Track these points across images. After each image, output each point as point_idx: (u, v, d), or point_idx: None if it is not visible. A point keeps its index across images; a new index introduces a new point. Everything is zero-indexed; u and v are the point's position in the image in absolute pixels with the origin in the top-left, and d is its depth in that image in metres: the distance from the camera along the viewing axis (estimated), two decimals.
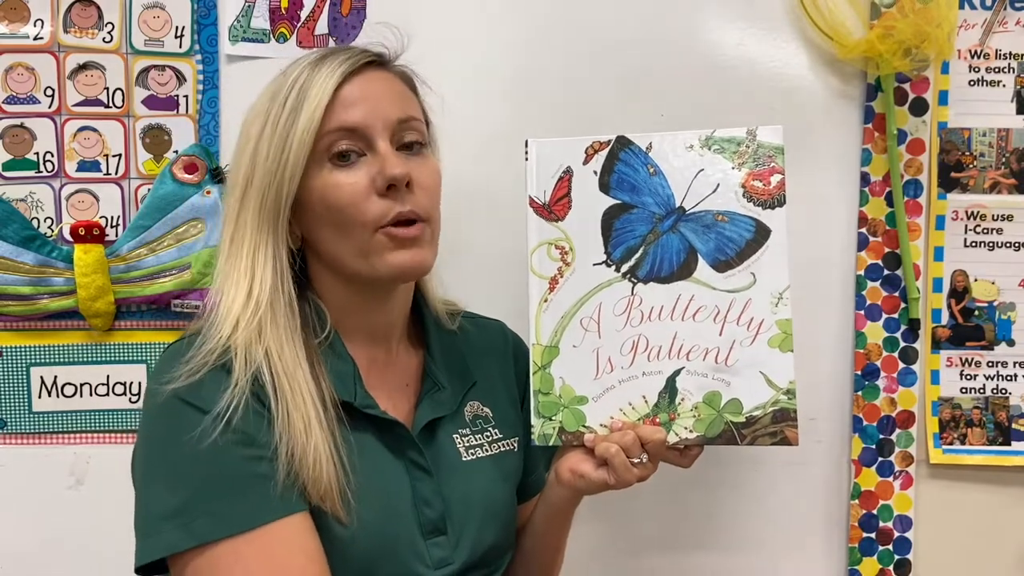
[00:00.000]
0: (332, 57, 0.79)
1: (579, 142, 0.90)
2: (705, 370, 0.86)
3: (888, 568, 1.16)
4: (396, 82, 0.83)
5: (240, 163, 0.79)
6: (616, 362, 0.87)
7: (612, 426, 0.86)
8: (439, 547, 0.80)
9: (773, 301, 0.85)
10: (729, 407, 0.85)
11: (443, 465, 0.84)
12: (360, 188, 0.77)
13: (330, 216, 0.78)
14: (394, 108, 0.79)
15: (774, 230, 0.86)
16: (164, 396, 0.72)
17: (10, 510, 1.16)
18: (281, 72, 0.81)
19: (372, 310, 0.84)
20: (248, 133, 0.79)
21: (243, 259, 0.77)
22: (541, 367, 0.88)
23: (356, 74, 0.79)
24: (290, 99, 0.76)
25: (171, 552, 0.69)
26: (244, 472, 0.70)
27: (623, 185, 0.89)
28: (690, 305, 0.87)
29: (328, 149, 0.77)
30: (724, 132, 0.89)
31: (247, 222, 0.78)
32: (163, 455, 0.72)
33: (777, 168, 0.87)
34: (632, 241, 0.88)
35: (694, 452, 0.86)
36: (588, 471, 0.84)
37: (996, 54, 1.13)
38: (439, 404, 0.86)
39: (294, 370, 0.75)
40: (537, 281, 0.89)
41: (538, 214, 0.90)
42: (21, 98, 1.13)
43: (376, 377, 0.84)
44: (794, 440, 0.84)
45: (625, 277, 0.88)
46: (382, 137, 0.78)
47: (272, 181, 0.76)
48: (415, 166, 0.79)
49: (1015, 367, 1.16)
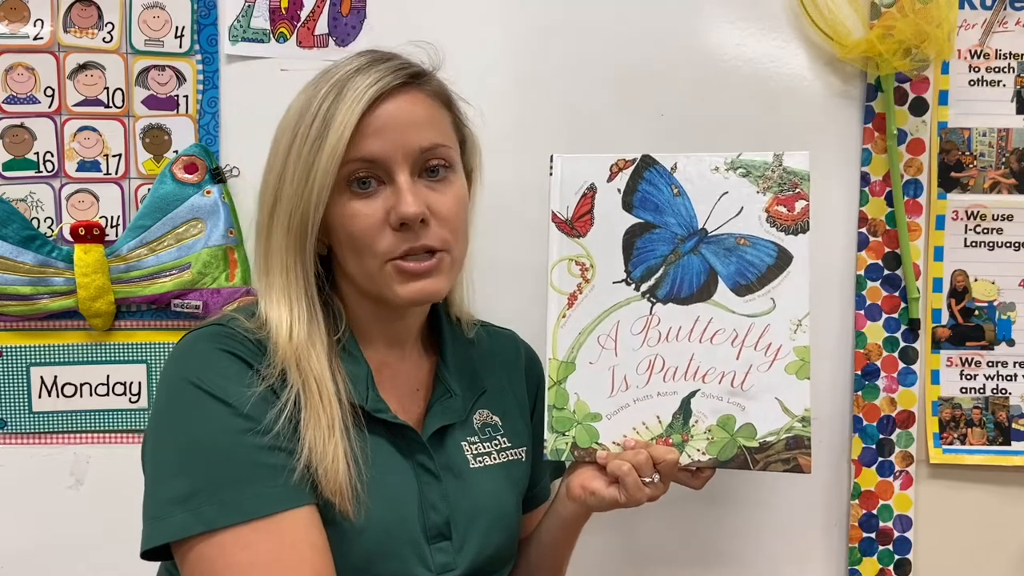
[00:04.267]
0: (363, 76, 0.77)
1: (604, 159, 0.90)
2: (720, 393, 0.86)
3: (888, 568, 1.16)
4: (427, 103, 0.80)
5: (270, 175, 0.80)
6: (632, 381, 0.87)
7: (625, 444, 0.86)
8: (443, 552, 0.80)
9: (792, 327, 0.85)
10: (743, 431, 0.85)
11: (451, 471, 0.84)
12: (375, 221, 0.77)
13: (348, 241, 0.79)
14: (419, 136, 0.78)
15: (796, 256, 0.86)
16: (182, 380, 0.73)
17: (10, 510, 1.16)
18: (316, 79, 0.79)
19: (389, 319, 0.85)
20: (278, 147, 0.79)
21: (276, 276, 0.78)
22: (557, 382, 0.88)
23: (385, 98, 0.77)
24: (316, 123, 0.76)
25: (179, 536, 0.69)
26: (256, 461, 0.71)
27: (646, 204, 0.89)
28: (708, 328, 0.87)
29: (348, 176, 0.77)
30: (750, 155, 0.88)
31: (277, 240, 0.78)
32: (176, 441, 0.72)
33: (802, 194, 0.87)
34: (653, 261, 0.88)
35: (706, 474, 0.86)
36: (599, 488, 0.84)
37: (996, 54, 1.13)
38: (449, 411, 0.86)
39: (321, 372, 0.76)
40: (556, 296, 0.89)
41: (560, 229, 0.90)
42: (21, 98, 1.13)
43: (388, 380, 0.84)
44: (807, 468, 0.84)
45: (644, 296, 0.88)
46: (402, 169, 0.77)
47: (298, 206, 0.77)
48: (435, 197, 0.79)
49: (1015, 367, 1.16)
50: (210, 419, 0.71)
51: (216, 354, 0.74)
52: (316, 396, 0.74)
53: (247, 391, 0.72)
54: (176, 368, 0.75)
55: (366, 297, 0.83)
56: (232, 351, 0.75)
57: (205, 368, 0.73)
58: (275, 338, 0.76)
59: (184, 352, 0.77)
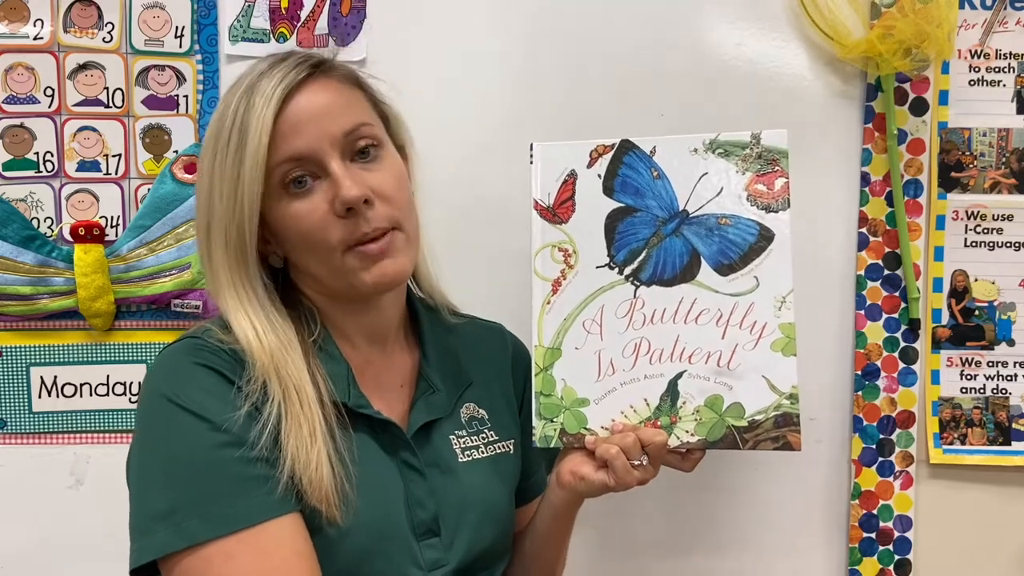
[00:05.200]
0: (267, 78, 0.76)
1: (583, 145, 0.90)
2: (707, 373, 0.86)
3: (888, 568, 1.16)
4: (337, 88, 0.80)
5: (200, 200, 0.79)
6: (618, 364, 0.87)
7: (613, 428, 0.86)
8: (432, 548, 0.80)
9: (776, 305, 0.85)
10: (731, 411, 0.85)
11: (438, 467, 0.83)
12: (320, 215, 0.77)
13: (300, 242, 0.78)
14: (338, 122, 0.77)
15: (778, 234, 0.86)
16: (159, 397, 0.73)
17: (10, 510, 1.16)
18: (227, 91, 0.79)
19: (361, 312, 0.84)
20: (202, 165, 0.79)
21: (227, 294, 0.78)
22: (543, 369, 0.88)
23: (294, 94, 0.76)
24: (233, 137, 0.75)
25: (163, 553, 0.69)
26: (236, 474, 0.70)
27: (627, 188, 0.89)
28: (692, 308, 0.87)
29: (282, 180, 0.77)
30: (728, 136, 0.88)
31: (218, 258, 0.78)
32: (157, 456, 0.72)
33: (781, 172, 0.87)
34: (635, 244, 0.88)
35: (695, 456, 0.86)
36: (588, 473, 0.84)
37: (996, 54, 1.13)
38: (433, 406, 0.86)
39: (300, 377, 0.75)
40: (540, 283, 0.90)
41: (542, 216, 0.90)
42: (21, 98, 1.13)
43: (371, 377, 0.84)
44: (797, 445, 0.84)
45: (628, 280, 0.88)
46: (332, 157, 0.77)
47: (232, 220, 0.76)
48: (373, 177, 0.78)
49: (1015, 367, 1.16)
50: (188, 435, 0.71)
51: (191, 368, 0.74)
52: (296, 404, 0.74)
53: (225, 405, 0.72)
54: (153, 384, 0.75)
55: (335, 296, 0.82)
56: (208, 364, 0.74)
57: (181, 383, 0.73)
58: (248, 349, 0.75)
59: (160, 368, 0.77)
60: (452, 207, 1.13)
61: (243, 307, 0.77)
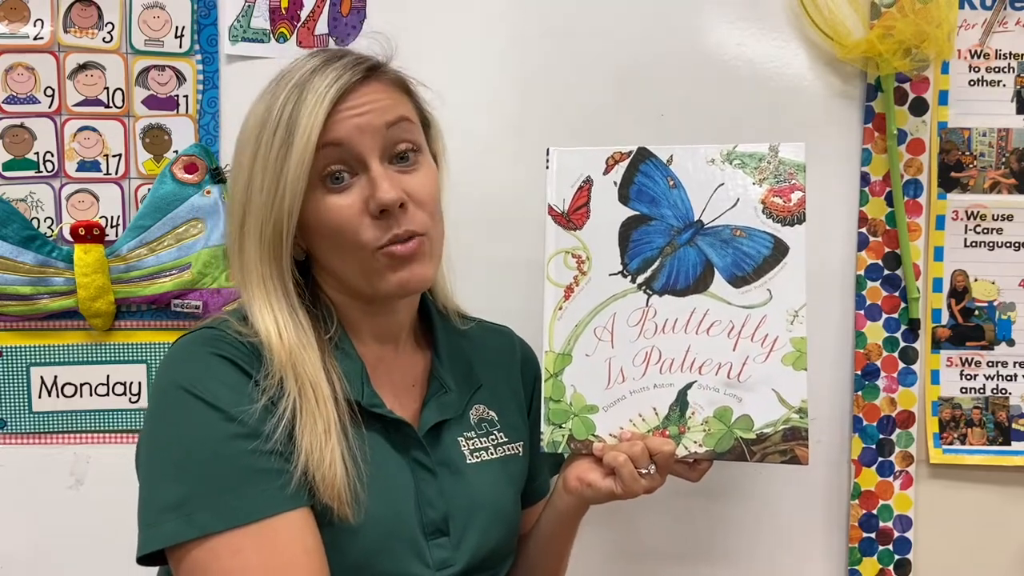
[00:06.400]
0: (320, 76, 0.76)
1: (600, 152, 0.90)
2: (717, 385, 0.86)
3: (888, 568, 1.16)
4: (386, 91, 0.80)
5: (235, 190, 0.79)
6: (628, 373, 0.87)
7: (621, 436, 0.86)
8: (441, 548, 0.80)
9: (789, 318, 0.85)
10: (740, 423, 0.85)
11: (447, 467, 0.84)
12: (355, 212, 0.77)
13: (330, 237, 0.78)
14: (384, 116, 0.78)
15: (792, 247, 0.86)
16: (174, 386, 0.73)
17: (10, 510, 1.16)
18: (272, 85, 0.79)
19: (378, 314, 0.85)
20: (241, 161, 0.79)
21: (255, 288, 0.78)
22: (553, 374, 0.88)
23: (346, 96, 0.77)
24: (280, 130, 0.75)
25: (172, 543, 0.69)
26: (248, 466, 0.70)
27: (642, 196, 0.89)
28: (705, 319, 0.86)
29: (321, 172, 0.77)
30: (746, 147, 0.88)
31: (250, 252, 0.78)
32: (168, 447, 0.72)
33: (798, 185, 0.87)
34: (649, 253, 0.88)
35: (703, 466, 0.86)
36: (595, 480, 0.84)
37: (996, 54, 1.13)
38: (445, 406, 0.86)
39: (316, 375, 0.75)
40: (553, 289, 0.90)
41: (556, 222, 0.90)
42: (21, 98, 1.13)
43: (383, 376, 0.84)
44: (804, 459, 0.84)
45: (640, 288, 0.88)
46: (373, 155, 0.77)
47: (270, 215, 0.76)
48: (409, 182, 0.78)
49: (1015, 367, 1.16)
50: (202, 425, 0.71)
51: (208, 358, 0.74)
52: (312, 401, 0.74)
53: (241, 396, 0.72)
54: (168, 373, 0.75)
55: (354, 295, 0.82)
56: (225, 355, 0.74)
57: (197, 373, 0.73)
58: (267, 345, 0.75)
59: (176, 357, 0.76)
60: (454, 210, 1.13)
61: (269, 302, 0.77)
